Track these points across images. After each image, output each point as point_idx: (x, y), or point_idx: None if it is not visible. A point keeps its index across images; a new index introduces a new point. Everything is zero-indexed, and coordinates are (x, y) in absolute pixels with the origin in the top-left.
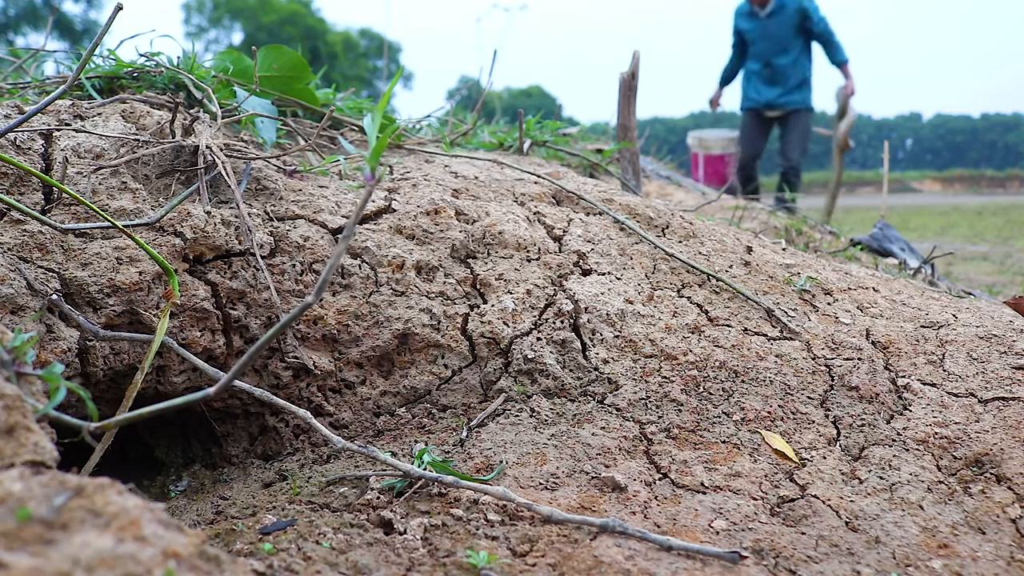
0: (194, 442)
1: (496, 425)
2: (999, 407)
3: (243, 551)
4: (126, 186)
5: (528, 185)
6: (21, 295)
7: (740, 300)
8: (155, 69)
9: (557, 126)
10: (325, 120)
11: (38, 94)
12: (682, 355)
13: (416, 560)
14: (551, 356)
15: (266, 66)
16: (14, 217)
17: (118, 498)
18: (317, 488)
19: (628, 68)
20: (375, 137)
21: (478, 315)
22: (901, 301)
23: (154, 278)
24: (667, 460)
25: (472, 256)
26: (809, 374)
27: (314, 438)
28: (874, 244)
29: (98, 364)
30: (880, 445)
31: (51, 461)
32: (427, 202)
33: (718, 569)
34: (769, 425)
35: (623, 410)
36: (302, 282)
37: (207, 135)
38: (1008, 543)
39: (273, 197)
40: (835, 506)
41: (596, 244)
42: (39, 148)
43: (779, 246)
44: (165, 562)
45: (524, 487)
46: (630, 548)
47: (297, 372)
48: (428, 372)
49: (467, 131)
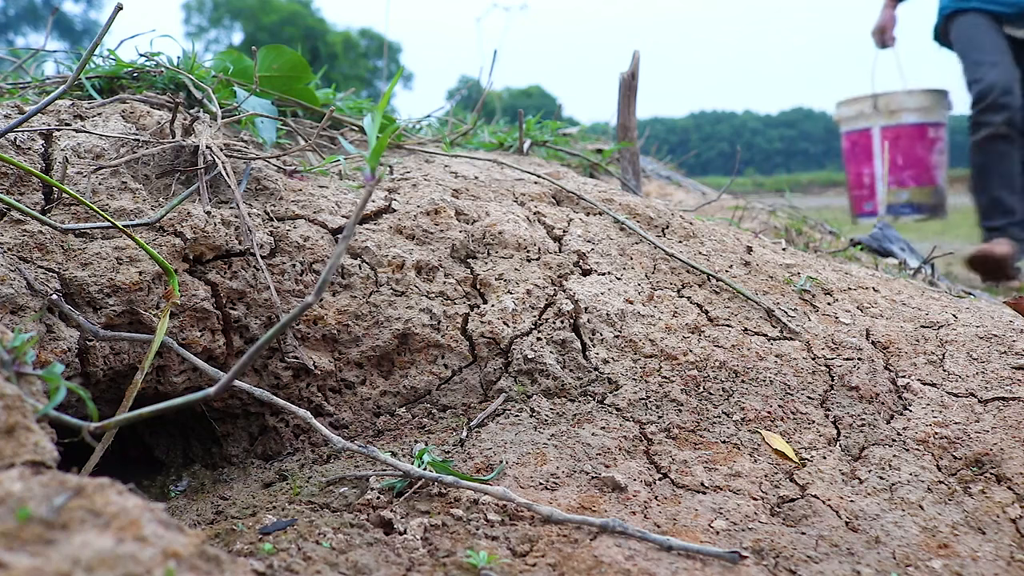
0: (194, 442)
1: (496, 425)
2: (999, 407)
3: (243, 551)
4: (126, 186)
5: (528, 185)
6: (21, 295)
7: (740, 300)
8: (155, 69)
9: (557, 126)
10: (325, 120)
11: (38, 94)
12: (682, 355)
13: (416, 560)
14: (551, 356)
15: (266, 66)
16: (14, 217)
17: (118, 498)
18: (317, 488)
19: (628, 68)
20: (375, 137)
21: (478, 315)
22: (901, 301)
23: (154, 278)
24: (667, 460)
25: (472, 256)
26: (809, 374)
27: (314, 438)
28: (874, 244)
29: (98, 364)
30: (880, 445)
31: (51, 461)
32: (427, 202)
33: (718, 569)
34: (769, 425)
35: (623, 410)
36: (302, 282)
37: (207, 135)
38: (1008, 543)
39: (273, 197)
40: (835, 506)
41: (596, 244)
42: (39, 148)
43: (779, 246)
44: (165, 562)
45: (524, 487)
46: (630, 548)
47: (297, 372)
48: (428, 372)
49: (467, 131)
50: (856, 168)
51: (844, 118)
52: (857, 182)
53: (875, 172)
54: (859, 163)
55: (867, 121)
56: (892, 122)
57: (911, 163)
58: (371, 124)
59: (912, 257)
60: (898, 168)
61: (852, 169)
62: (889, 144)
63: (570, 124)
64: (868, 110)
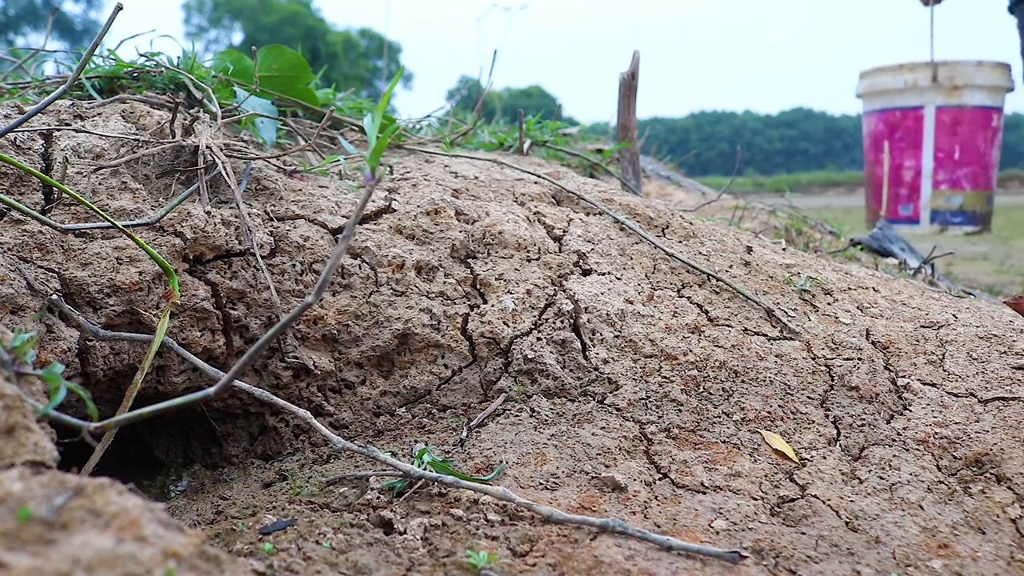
0: (194, 442)
1: (496, 425)
2: (999, 407)
3: (243, 551)
4: (126, 186)
5: (528, 185)
6: (21, 295)
7: (740, 300)
8: (155, 69)
9: (557, 126)
10: (325, 120)
11: (38, 94)
12: (682, 355)
13: (416, 560)
14: (551, 356)
15: (266, 66)
16: (14, 217)
17: (118, 498)
18: (317, 488)
19: (628, 68)
20: (375, 137)
21: (478, 315)
22: (901, 301)
23: (154, 278)
24: (667, 460)
25: (472, 256)
26: (809, 374)
27: (314, 438)
28: (874, 244)
29: (98, 364)
30: (880, 445)
31: (51, 461)
32: (427, 202)
33: (718, 569)
34: (769, 425)
35: (623, 410)
36: (302, 282)
37: (207, 135)
38: (1008, 543)
39: (273, 197)
40: (835, 506)
41: (596, 244)
42: (39, 148)
43: (779, 246)
44: (165, 562)
45: (524, 487)
46: (630, 548)
47: (297, 372)
48: (428, 372)
49: (467, 131)
50: (895, 158)
51: (876, 91)
52: (894, 177)
53: (922, 166)
54: (900, 151)
55: (918, 97)
56: (953, 101)
57: (970, 158)
58: (371, 124)
59: (912, 257)
60: (953, 163)
61: (883, 159)
62: (946, 129)
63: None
64: (924, 81)
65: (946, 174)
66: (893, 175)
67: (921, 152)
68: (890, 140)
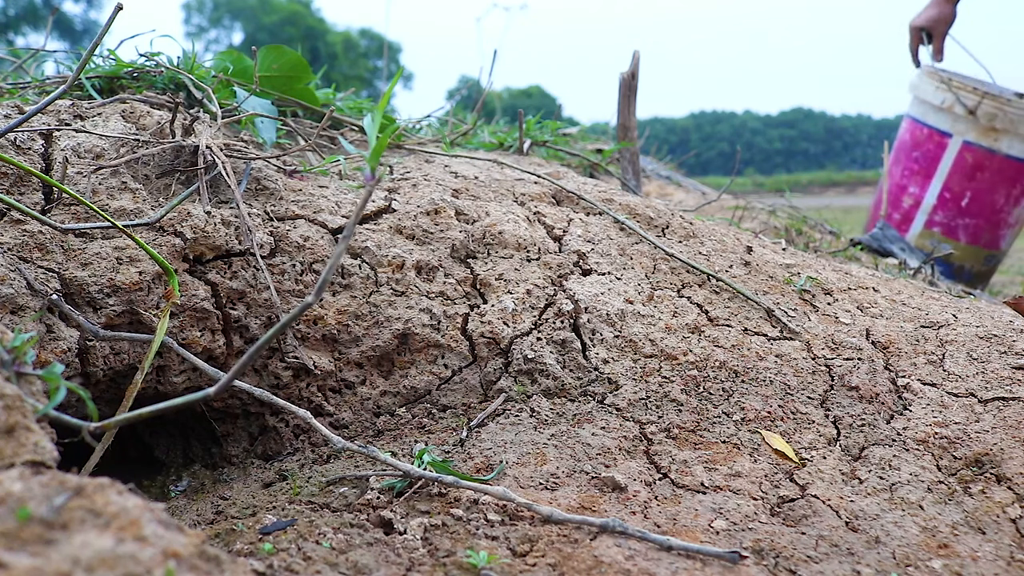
0: (194, 442)
1: (496, 425)
2: (999, 407)
3: (243, 551)
4: (126, 186)
5: (528, 185)
6: (21, 295)
7: (740, 300)
8: (155, 69)
9: (557, 126)
10: (325, 120)
11: (38, 94)
12: (682, 355)
13: (416, 560)
14: (551, 356)
15: (266, 66)
16: (14, 217)
17: (118, 498)
18: (317, 488)
19: (628, 68)
20: (375, 137)
21: (478, 315)
22: (901, 301)
23: (154, 278)
24: (667, 460)
25: (472, 256)
26: (809, 374)
27: (314, 438)
28: (874, 244)
29: (98, 364)
30: (880, 445)
31: (51, 461)
32: (427, 202)
33: (718, 569)
34: (769, 425)
35: (623, 410)
36: (302, 282)
37: (207, 135)
38: (1008, 543)
39: (273, 197)
40: (835, 506)
41: (596, 244)
42: (39, 148)
43: (779, 246)
44: (165, 562)
45: (524, 487)
46: (630, 548)
47: (297, 372)
48: (428, 372)
49: (467, 131)
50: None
51: (918, 96)
52: (894, 198)
53: (923, 198)
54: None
55: (950, 123)
56: (984, 142)
57: (979, 210)
58: (371, 124)
59: (912, 257)
60: (957, 209)
61: (896, 172)
62: (964, 170)
63: (570, 124)
64: (960, 109)
65: (944, 218)
66: (894, 195)
67: (929, 183)
68: (907, 155)
